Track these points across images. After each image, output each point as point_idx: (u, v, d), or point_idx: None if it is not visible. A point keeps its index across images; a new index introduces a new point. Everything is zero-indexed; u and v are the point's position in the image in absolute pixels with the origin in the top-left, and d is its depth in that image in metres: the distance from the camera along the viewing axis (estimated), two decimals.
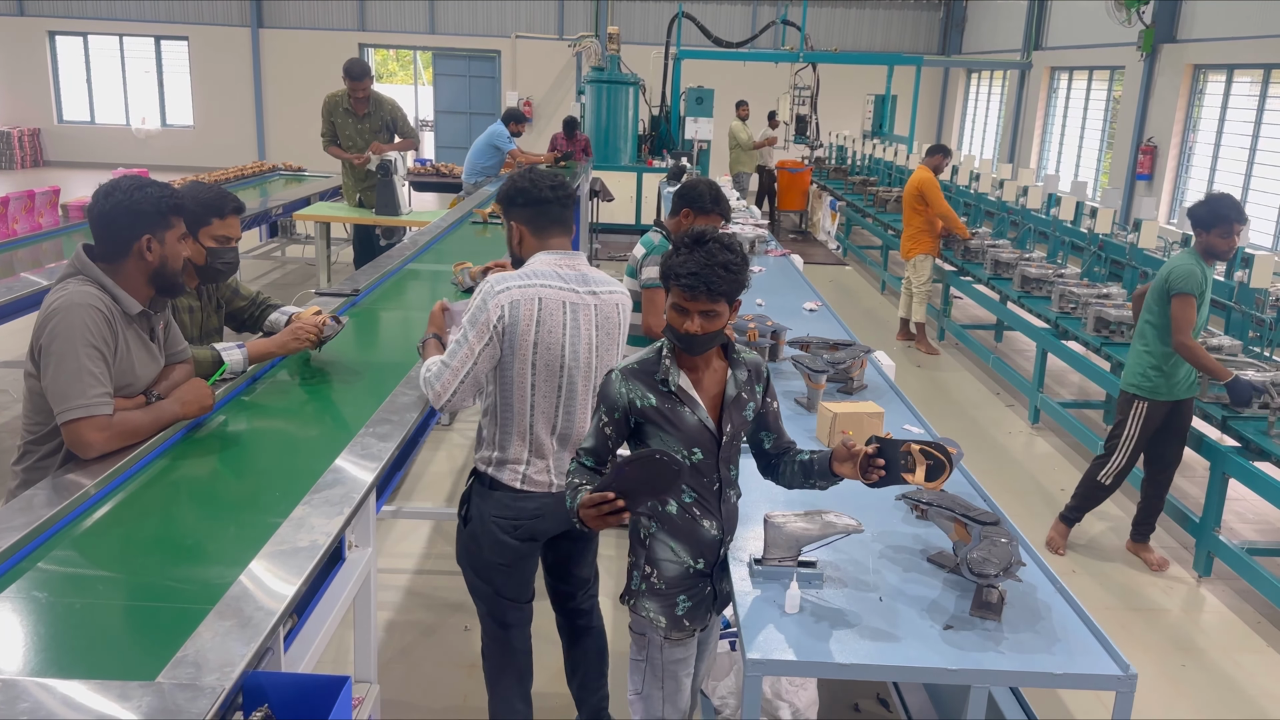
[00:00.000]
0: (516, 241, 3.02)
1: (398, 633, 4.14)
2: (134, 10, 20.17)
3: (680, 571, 2.63)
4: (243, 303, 3.61)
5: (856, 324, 5.06)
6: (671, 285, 2.45)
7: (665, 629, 2.65)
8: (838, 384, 4.10)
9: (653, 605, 2.64)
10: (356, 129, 7.72)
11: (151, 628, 1.91)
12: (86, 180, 16.50)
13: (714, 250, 2.42)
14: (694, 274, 2.39)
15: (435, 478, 5.67)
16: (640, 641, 2.74)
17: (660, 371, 2.52)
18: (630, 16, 20.22)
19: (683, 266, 2.41)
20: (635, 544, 2.70)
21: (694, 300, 2.41)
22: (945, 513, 2.66)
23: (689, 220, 4.30)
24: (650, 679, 2.73)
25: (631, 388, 2.52)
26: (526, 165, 10.75)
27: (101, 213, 2.58)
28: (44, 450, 2.63)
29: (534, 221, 2.96)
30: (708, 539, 2.62)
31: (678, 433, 2.55)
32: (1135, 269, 7.26)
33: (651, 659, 2.72)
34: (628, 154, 13.83)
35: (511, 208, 2.99)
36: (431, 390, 2.86)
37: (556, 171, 3.08)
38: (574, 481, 2.46)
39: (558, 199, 2.96)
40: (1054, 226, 8.37)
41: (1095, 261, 7.78)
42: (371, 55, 21.15)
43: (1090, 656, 2.31)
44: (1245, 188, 11.72)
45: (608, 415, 2.53)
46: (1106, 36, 14.44)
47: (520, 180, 2.98)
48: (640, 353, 2.60)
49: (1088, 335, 6.40)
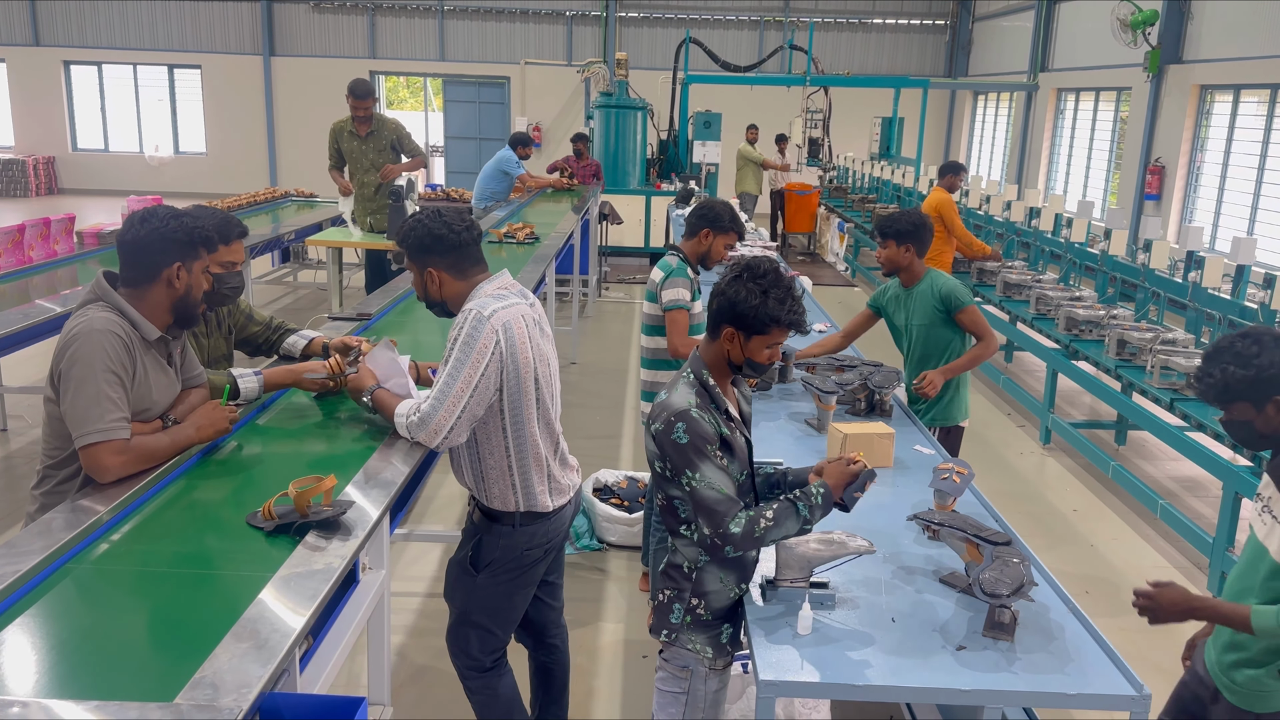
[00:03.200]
0: (436, 288, 2.90)
1: (410, 656, 4.15)
2: (148, 40, 20.44)
3: (728, 601, 2.63)
4: (257, 327, 3.64)
5: (865, 345, 5.08)
6: (772, 328, 2.53)
7: (712, 659, 2.63)
8: (845, 405, 4.12)
9: (699, 638, 2.62)
10: (361, 150, 7.84)
11: (169, 650, 1.93)
12: (100, 208, 16.68)
13: (790, 288, 2.55)
14: (802, 316, 2.55)
15: (447, 501, 5.68)
16: (679, 674, 2.67)
17: (718, 401, 2.58)
18: (638, 42, 20.40)
19: (794, 312, 2.54)
20: (678, 577, 2.64)
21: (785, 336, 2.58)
22: (957, 533, 2.66)
23: (708, 240, 4.32)
24: (692, 711, 2.67)
25: (710, 420, 2.54)
26: (536, 189, 10.90)
27: (136, 238, 2.63)
28: (63, 475, 2.65)
29: (456, 265, 2.88)
30: (749, 562, 2.64)
31: (737, 459, 2.59)
32: (1148, 290, 7.27)
33: (694, 691, 2.66)
34: (636, 178, 13.91)
35: (428, 255, 2.86)
36: (425, 430, 2.77)
37: (459, 208, 3.04)
38: (774, 511, 2.48)
39: (474, 239, 2.91)
40: (1067, 250, 8.36)
41: (1108, 283, 7.78)
42: (382, 82, 21.37)
43: (1104, 677, 2.30)
44: (1254, 207, 11.72)
45: (716, 450, 2.52)
46: (1112, 58, 14.49)
47: (431, 226, 2.85)
48: (683, 389, 2.58)
49: (1109, 360, 6.35)
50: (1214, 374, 2.43)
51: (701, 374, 2.60)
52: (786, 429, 3.95)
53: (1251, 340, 2.41)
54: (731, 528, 2.44)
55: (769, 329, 2.53)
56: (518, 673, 3.24)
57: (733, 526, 2.44)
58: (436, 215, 2.89)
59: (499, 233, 7.41)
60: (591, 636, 4.36)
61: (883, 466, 3.55)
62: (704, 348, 2.65)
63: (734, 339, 2.56)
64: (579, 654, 4.16)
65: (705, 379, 2.59)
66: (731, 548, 2.46)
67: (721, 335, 2.58)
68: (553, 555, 3.09)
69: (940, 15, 20.91)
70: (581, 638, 4.29)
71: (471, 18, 20.48)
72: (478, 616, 3.03)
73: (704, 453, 2.48)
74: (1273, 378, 2.36)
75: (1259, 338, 2.41)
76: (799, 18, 20.24)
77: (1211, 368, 2.44)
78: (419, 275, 2.92)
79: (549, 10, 20.37)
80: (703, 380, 2.59)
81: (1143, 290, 7.35)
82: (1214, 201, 12.59)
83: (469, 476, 2.95)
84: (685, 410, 2.50)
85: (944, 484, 3.07)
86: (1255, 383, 2.37)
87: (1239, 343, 2.41)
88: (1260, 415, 2.41)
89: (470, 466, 2.93)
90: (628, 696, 3.95)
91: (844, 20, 20.69)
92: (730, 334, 2.56)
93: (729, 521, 2.45)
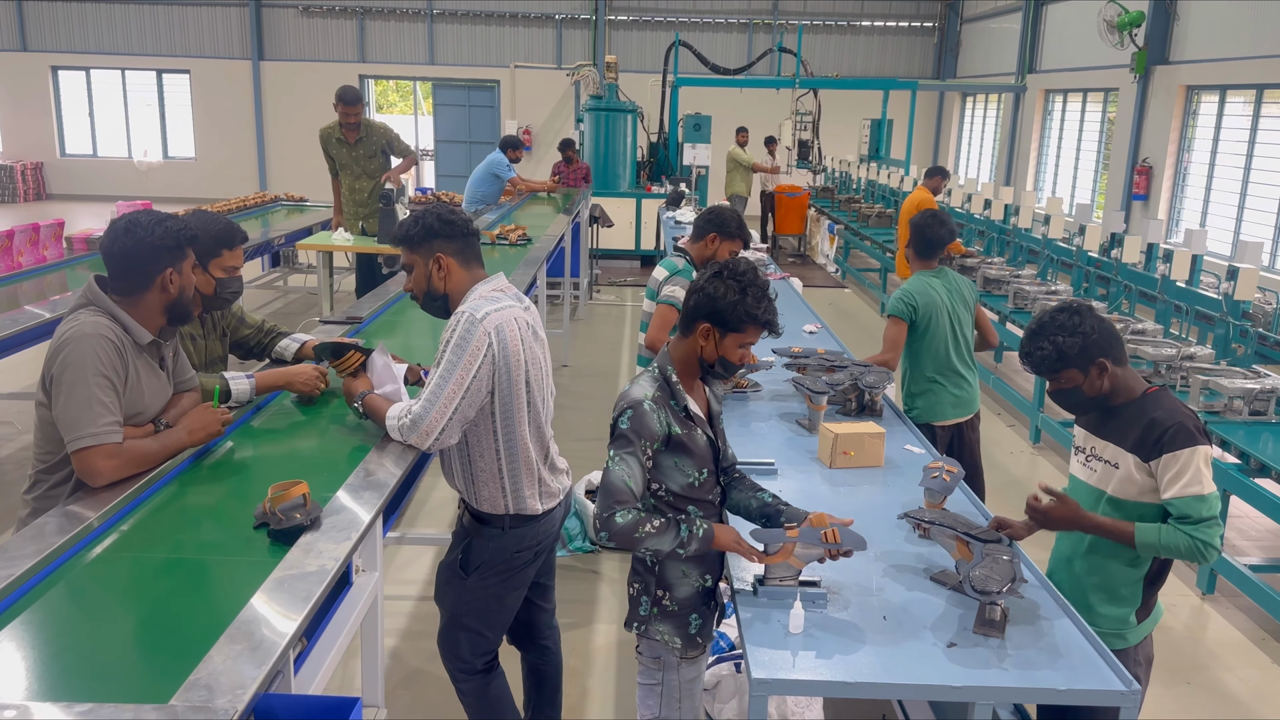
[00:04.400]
0: (442, 278, 2.87)
1: (403, 659, 4.15)
2: (136, 44, 20.38)
3: (692, 591, 2.67)
4: (249, 330, 3.65)
5: (856, 345, 5.10)
6: (748, 326, 2.55)
7: (681, 649, 2.67)
8: (836, 405, 4.13)
9: (666, 628, 2.66)
10: (351, 156, 7.87)
11: (164, 652, 1.93)
12: (89, 213, 16.61)
13: (766, 288, 2.59)
14: (776, 316, 2.59)
15: (439, 504, 5.68)
16: (653, 665, 2.75)
17: (678, 398, 2.58)
18: (628, 45, 20.41)
19: (769, 312, 2.57)
20: (642, 570, 2.71)
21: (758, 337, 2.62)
22: (948, 531, 2.68)
23: (714, 244, 4.37)
24: (668, 701, 2.73)
25: (663, 418, 2.56)
26: (527, 192, 10.91)
27: (124, 249, 2.62)
28: (55, 479, 2.65)
29: (463, 254, 2.89)
30: (714, 554, 2.66)
31: (695, 456, 2.60)
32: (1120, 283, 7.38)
33: (667, 682, 2.72)
34: (626, 180, 13.93)
35: (436, 240, 2.85)
36: (416, 432, 2.77)
37: (454, 207, 3.06)
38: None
39: (475, 233, 2.95)
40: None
41: (1123, 293, 7.77)
42: (372, 86, 21.35)
43: (1094, 672, 2.32)
44: (1240, 206, 11.80)
45: (649, 447, 2.55)
46: (1099, 59, 14.57)
47: (441, 214, 2.88)
48: (645, 382, 2.62)
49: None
50: (1045, 346, 2.69)
51: (666, 369, 2.62)
52: (778, 429, 3.96)
53: (1071, 312, 2.70)
54: (617, 517, 2.48)
55: (745, 327, 2.55)
56: (510, 675, 3.25)
57: (619, 517, 2.48)
58: (439, 206, 2.94)
59: (491, 234, 7.46)
60: (585, 638, 4.37)
61: (873, 465, 3.57)
62: (674, 344, 2.67)
63: (709, 336, 2.58)
64: (572, 655, 4.16)
65: (669, 374, 2.62)
66: (608, 534, 2.51)
67: (696, 332, 2.59)
68: (543, 557, 3.10)
69: (928, 17, 20.99)
70: (575, 639, 4.30)
71: (461, 21, 20.47)
72: (468, 619, 3.04)
73: (634, 445, 2.52)
74: (1096, 342, 2.67)
75: (1077, 309, 2.71)
76: (788, 20, 20.30)
77: (1041, 341, 2.70)
78: (423, 266, 2.88)
79: (538, 13, 20.38)
80: (666, 376, 2.61)
81: (1115, 284, 7.48)
82: (1201, 201, 12.67)
83: (459, 479, 2.96)
84: (639, 401, 2.55)
85: (934, 482, 3.09)
86: (1082, 349, 2.66)
87: (1060, 316, 2.70)
88: (1086, 379, 2.70)
89: (460, 469, 2.94)
90: (621, 698, 3.96)
91: (832, 23, 20.75)
92: (706, 330, 2.58)
93: (619, 510, 2.49)
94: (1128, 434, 2.72)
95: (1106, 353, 2.69)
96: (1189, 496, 2.60)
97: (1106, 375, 2.72)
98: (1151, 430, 2.66)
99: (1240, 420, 5.06)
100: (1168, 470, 2.63)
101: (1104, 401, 2.76)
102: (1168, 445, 2.62)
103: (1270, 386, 5.08)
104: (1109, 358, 2.70)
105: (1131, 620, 2.79)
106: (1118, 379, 2.74)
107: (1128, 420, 2.74)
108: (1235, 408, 5.09)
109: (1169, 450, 2.62)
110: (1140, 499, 2.71)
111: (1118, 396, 2.75)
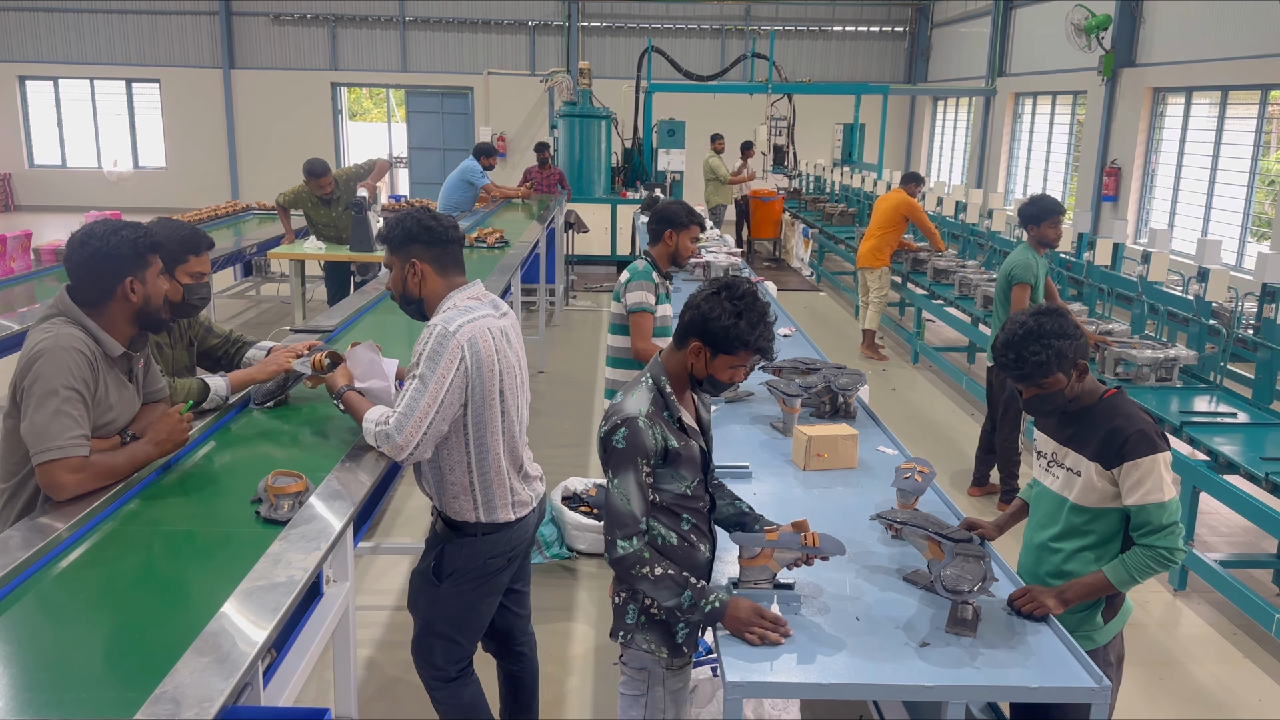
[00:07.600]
0: (416, 283, 2.89)
1: (380, 668, 4.12)
2: (105, 54, 20.17)
3: None
4: (216, 340, 3.62)
5: (831, 348, 5.12)
6: (740, 350, 2.53)
7: (668, 659, 2.65)
8: (810, 408, 4.15)
9: (653, 637, 2.63)
10: (327, 215, 8.21)
11: (130, 665, 1.91)
12: (58, 224, 16.43)
13: (764, 313, 2.55)
14: (771, 343, 2.57)
15: (414, 514, 5.65)
16: (638, 676, 2.71)
17: (672, 409, 2.58)
18: (601, 51, 20.42)
19: (764, 338, 2.54)
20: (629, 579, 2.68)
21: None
22: (919, 531, 2.70)
23: (673, 240, 4.44)
24: (652, 711, 2.71)
25: (658, 433, 2.54)
26: (501, 199, 10.91)
27: (81, 261, 2.60)
28: (22, 494, 2.62)
29: (440, 260, 2.89)
30: (702, 562, 2.66)
31: (690, 468, 2.59)
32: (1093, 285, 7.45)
33: (653, 692, 2.69)
34: (601, 186, 13.94)
35: (413, 245, 2.86)
36: (391, 443, 2.76)
37: (441, 213, 3.05)
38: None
39: (458, 239, 2.94)
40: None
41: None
42: (344, 93, 21.25)
43: (1065, 670, 2.34)
44: (1207, 206, 11.94)
45: (647, 465, 2.51)
46: (1068, 62, 14.72)
47: (421, 218, 2.88)
48: (640, 394, 2.58)
49: None
50: (1038, 351, 2.64)
51: (660, 380, 2.60)
52: (751, 432, 3.97)
53: (1054, 315, 2.68)
54: (619, 546, 2.47)
55: (736, 350, 2.53)
56: (486, 682, 3.23)
57: (620, 546, 2.47)
58: (425, 212, 2.93)
59: (470, 238, 7.49)
60: (562, 644, 4.35)
61: (847, 467, 3.59)
62: (667, 354, 2.65)
63: (700, 354, 2.55)
64: (549, 662, 4.15)
65: (663, 385, 2.59)
66: (609, 562, 2.51)
67: (688, 347, 2.57)
68: (517, 563, 3.09)
69: (899, 22, 21.13)
70: (552, 645, 4.29)
71: (434, 28, 20.41)
72: (442, 626, 3.02)
73: (633, 464, 2.48)
74: (1079, 346, 2.69)
75: (1054, 313, 2.70)
76: (760, 26, 20.37)
77: (1032, 345, 2.64)
78: (400, 269, 2.91)
79: (511, 20, 20.36)
80: (660, 387, 2.59)
81: (1089, 286, 7.55)
82: (1169, 202, 12.81)
83: (430, 486, 2.94)
84: (633, 418, 2.50)
85: (906, 483, 3.11)
86: (1072, 352, 2.67)
87: (1046, 321, 2.67)
88: (1069, 382, 2.70)
89: (432, 477, 2.92)
90: (598, 704, 3.95)
91: (805, 28, 20.85)
92: (697, 348, 2.55)
93: (620, 538, 2.48)
94: (1088, 441, 2.75)
95: (1083, 354, 2.73)
96: (1150, 504, 2.64)
97: (1086, 378, 2.75)
98: (1113, 438, 2.69)
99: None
100: (1129, 477, 2.66)
101: (1073, 404, 2.78)
102: (1130, 453, 2.65)
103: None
104: (1085, 358, 2.74)
105: (1098, 621, 2.81)
106: (1087, 381, 2.77)
107: (1088, 426, 2.76)
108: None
109: (1130, 458, 2.65)
110: (1101, 504, 2.74)
111: (1083, 399, 2.78)
